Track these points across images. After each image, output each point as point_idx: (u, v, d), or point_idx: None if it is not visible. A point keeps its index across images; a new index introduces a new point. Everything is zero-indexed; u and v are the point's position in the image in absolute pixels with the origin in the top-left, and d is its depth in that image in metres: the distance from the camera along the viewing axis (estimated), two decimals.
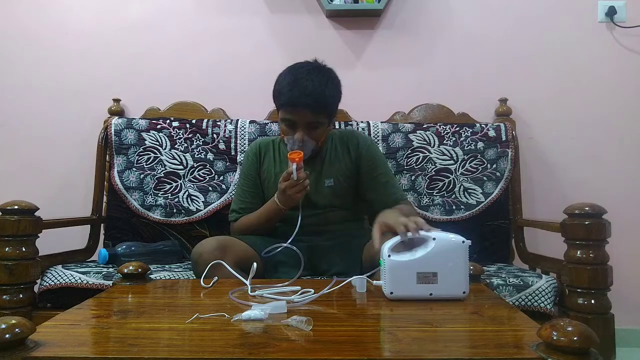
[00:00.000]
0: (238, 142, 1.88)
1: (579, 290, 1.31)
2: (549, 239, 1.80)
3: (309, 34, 2.08)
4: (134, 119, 1.91)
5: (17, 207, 1.37)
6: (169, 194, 1.84)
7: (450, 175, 1.86)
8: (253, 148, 1.62)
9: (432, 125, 1.91)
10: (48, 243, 1.50)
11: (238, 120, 1.92)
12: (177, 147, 1.88)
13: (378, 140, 1.87)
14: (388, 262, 0.95)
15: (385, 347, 0.72)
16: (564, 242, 1.36)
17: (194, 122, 1.91)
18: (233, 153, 1.87)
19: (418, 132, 1.89)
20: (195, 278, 1.30)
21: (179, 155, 1.88)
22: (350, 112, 2.00)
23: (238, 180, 1.65)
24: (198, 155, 1.88)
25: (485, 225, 1.83)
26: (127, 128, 1.88)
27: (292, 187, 1.33)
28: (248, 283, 1.05)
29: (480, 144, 1.87)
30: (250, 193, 1.57)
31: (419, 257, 0.95)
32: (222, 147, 1.88)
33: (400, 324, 0.81)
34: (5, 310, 1.32)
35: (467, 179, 1.86)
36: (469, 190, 1.85)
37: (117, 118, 1.92)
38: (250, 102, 1.77)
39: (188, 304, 0.98)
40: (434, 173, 1.86)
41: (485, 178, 1.85)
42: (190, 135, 1.89)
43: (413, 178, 1.86)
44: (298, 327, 0.76)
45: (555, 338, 0.63)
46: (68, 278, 1.43)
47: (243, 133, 1.89)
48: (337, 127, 1.86)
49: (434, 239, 0.96)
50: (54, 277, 1.44)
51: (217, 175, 1.87)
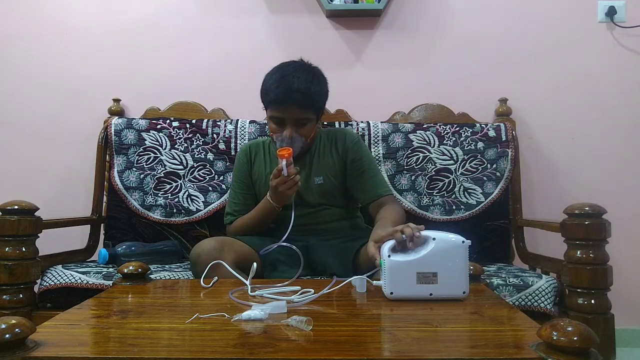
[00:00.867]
0: (238, 142, 1.88)
1: (579, 290, 1.31)
2: (549, 239, 1.80)
3: (309, 34, 2.08)
4: (134, 119, 1.91)
5: (17, 207, 1.37)
6: (169, 194, 1.84)
7: (450, 175, 1.86)
8: (243, 150, 1.64)
9: (432, 125, 1.91)
10: (48, 243, 1.50)
11: (238, 120, 1.92)
12: (177, 147, 1.88)
13: (378, 140, 1.87)
14: (388, 262, 0.95)
15: (385, 347, 0.72)
16: (564, 242, 1.36)
17: (194, 122, 1.91)
18: (233, 153, 1.87)
19: (418, 132, 1.89)
20: (195, 278, 1.31)
21: (179, 155, 1.88)
22: (350, 112, 2.01)
23: (231, 184, 1.66)
24: (198, 155, 1.88)
25: (485, 225, 1.83)
26: (127, 128, 1.88)
27: (283, 183, 1.34)
28: (248, 283, 1.05)
29: (480, 144, 1.87)
30: (244, 195, 1.58)
31: (419, 257, 0.95)
32: (222, 147, 1.88)
33: (400, 324, 0.81)
34: (5, 310, 1.32)
35: (467, 179, 1.86)
36: (469, 190, 1.85)
37: (117, 118, 1.92)
38: (250, 102, 1.75)
39: (188, 304, 0.99)
40: (434, 173, 1.86)
41: (485, 178, 1.85)
42: (190, 135, 1.89)
43: (413, 178, 1.86)
44: (298, 327, 0.76)
45: (555, 338, 0.63)
46: (68, 278, 1.43)
47: (243, 133, 1.89)
48: (336, 126, 1.86)
49: (434, 239, 0.96)
50: (54, 277, 1.44)
51: (217, 175, 1.87)
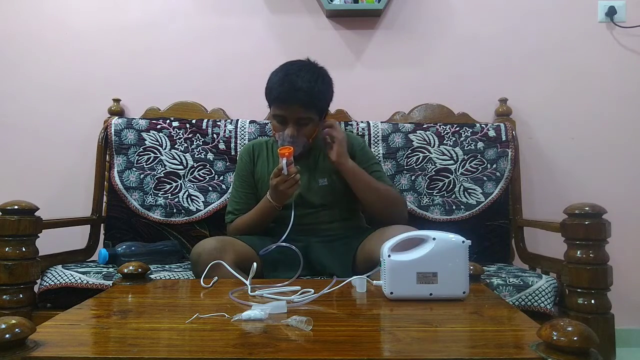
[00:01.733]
0: (238, 142, 1.88)
1: (579, 290, 1.31)
2: (549, 239, 1.80)
3: (309, 34, 2.08)
4: (134, 119, 1.91)
5: (17, 207, 1.37)
6: (169, 194, 1.84)
7: (450, 175, 1.86)
8: (246, 149, 1.64)
9: (432, 125, 1.91)
10: (48, 243, 1.50)
11: (238, 120, 1.92)
12: (177, 147, 1.88)
13: (378, 140, 1.87)
14: (388, 262, 0.95)
15: (385, 347, 0.72)
16: (564, 242, 1.36)
17: (194, 122, 1.91)
18: (233, 153, 1.87)
19: (418, 132, 1.89)
20: (195, 278, 1.31)
21: (179, 155, 1.88)
22: (350, 112, 2.01)
23: (232, 183, 1.66)
24: (198, 155, 1.88)
25: (485, 225, 1.83)
26: (127, 128, 1.88)
27: (283, 182, 1.34)
28: (248, 283, 1.05)
29: (480, 144, 1.87)
30: (245, 194, 1.57)
31: (419, 257, 0.95)
32: (222, 147, 1.88)
33: (400, 324, 0.81)
34: (5, 310, 1.32)
35: (467, 179, 1.86)
36: (469, 190, 1.85)
37: (117, 118, 1.92)
38: (250, 102, 1.77)
39: (188, 304, 0.98)
40: (434, 173, 1.86)
41: (485, 178, 1.85)
42: (190, 135, 1.89)
43: (413, 178, 1.86)
44: (298, 327, 0.76)
45: (555, 338, 0.63)
46: (68, 278, 1.43)
47: (243, 133, 1.89)
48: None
49: (434, 239, 0.96)
50: (54, 277, 1.44)
51: (217, 175, 1.87)
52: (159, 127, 1.89)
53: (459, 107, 2.01)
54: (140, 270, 1.15)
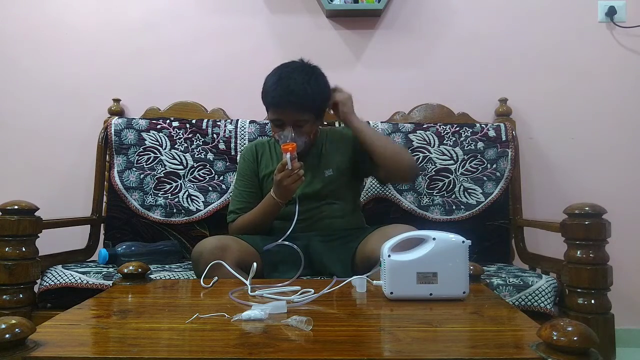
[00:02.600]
0: (238, 142, 1.88)
1: (579, 290, 1.31)
2: (549, 239, 1.80)
3: (309, 34, 2.08)
4: (134, 119, 1.91)
5: (17, 207, 1.37)
6: (169, 194, 1.84)
7: (450, 175, 1.86)
8: (249, 149, 1.64)
9: (432, 125, 1.91)
10: (48, 243, 1.50)
11: (238, 120, 1.92)
12: (177, 147, 1.88)
13: None
14: (388, 262, 0.95)
15: (385, 347, 0.72)
16: (564, 242, 1.36)
17: (194, 122, 1.91)
18: (233, 153, 1.87)
19: (418, 132, 1.89)
20: (196, 277, 1.31)
21: (179, 155, 1.88)
22: None
23: (234, 182, 1.66)
24: (198, 155, 1.88)
25: (485, 225, 1.83)
26: (127, 128, 1.88)
27: (287, 177, 1.34)
28: (248, 283, 1.05)
29: (480, 144, 1.87)
30: (248, 193, 1.58)
31: (419, 257, 0.95)
32: (222, 147, 1.88)
33: (400, 324, 0.81)
34: (5, 310, 1.32)
35: (467, 179, 1.86)
36: (469, 190, 1.85)
37: (117, 118, 1.92)
38: (250, 102, 1.76)
39: (188, 304, 0.98)
40: (434, 173, 1.86)
41: (485, 178, 1.85)
42: (190, 135, 1.89)
43: None
44: (298, 327, 0.76)
45: (555, 338, 0.63)
46: (68, 278, 1.43)
47: (243, 133, 1.89)
48: (336, 126, 1.86)
49: (434, 239, 0.96)
50: (54, 277, 1.44)
51: (217, 175, 1.87)
52: (159, 127, 1.89)
53: (459, 107, 2.01)
54: (140, 270, 1.15)
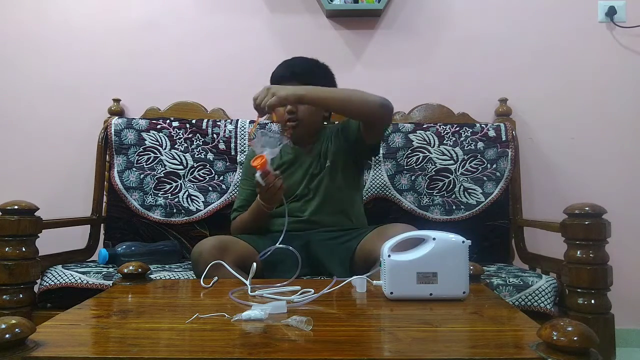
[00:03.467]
0: (238, 142, 1.88)
1: (579, 290, 1.31)
2: (549, 239, 1.79)
3: (309, 34, 2.08)
4: (134, 119, 1.91)
5: (17, 207, 1.37)
6: (169, 194, 1.84)
7: (450, 175, 1.86)
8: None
9: (432, 125, 1.90)
10: (48, 243, 1.50)
11: (238, 120, 1.92)
12: (177, 147, 1.88)
13: None
14: (388, 262, 0.95)
15: (385, 347, 0.71)
16: (564, 242, 1.36)
17: (194, 122, 1.91)
18: (233, 153, 1.87)
19: (418, 132, 1.89)
20: (195, 278, 1.31)
21: (179, 155, 1.88)
22: None
23: (239, 181, 1.68)
24: (198, 155, 1.88)
25: (485, 225, 1.83)
26: (127, 128, 1.88)
27: (265, 192, 1.34)
28: (248, 283, 1.05)
29: (480, 144, 1.87)
30: (251, 192, 1.58)
31: (419, 257, 0.95)
32: (222, 147, 1.88)
33: (400, 324, 0.81)
34: (5, 310, 1.32)
35: (467, 179, 1.86)
36: (469, 190, 1.85)
37: (117, 118, 1.92)
38: (250, 102, 1.76)
39: (188, 304, 0.98)
40: (434, 173, 1.86)
41: (485, 178, 1.85)
42: (190, 135, 1.89)
43: (413, 178, 1.85)
44: (298, 327, 0.75)
45: (555, 338, 0.63)
46: (68, 278, 1.43)
47: (243, 133, 1.89)
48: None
49: (434, 239, 0.96)
50: (54, 277, 1.44)
51: (217, 175, 1.87)
52: (159, 127, 1.89)
53: (459, 107, 2.01)
54: (140, 270, 1.15)
